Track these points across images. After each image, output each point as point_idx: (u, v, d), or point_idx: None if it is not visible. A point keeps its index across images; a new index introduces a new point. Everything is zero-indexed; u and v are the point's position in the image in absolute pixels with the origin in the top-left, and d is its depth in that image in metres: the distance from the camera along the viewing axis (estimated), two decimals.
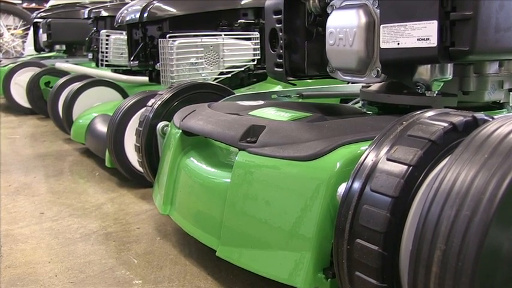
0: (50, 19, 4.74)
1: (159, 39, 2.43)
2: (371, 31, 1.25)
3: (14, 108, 4.57)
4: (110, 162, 2.25)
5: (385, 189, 0.81)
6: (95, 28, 3.69)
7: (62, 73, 3.77)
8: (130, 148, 2.05)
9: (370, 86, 1.46)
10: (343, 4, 1.35)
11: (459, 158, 0.73)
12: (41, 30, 4.99)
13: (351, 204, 0.85)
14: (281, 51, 1.50)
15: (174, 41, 2.36)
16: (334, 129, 1.14)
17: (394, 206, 0.80)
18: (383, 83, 1.37)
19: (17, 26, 7.61)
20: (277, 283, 1.05)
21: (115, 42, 3.30)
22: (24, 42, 7.20)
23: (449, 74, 1.23)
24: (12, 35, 7.53)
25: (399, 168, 0.82)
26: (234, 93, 1.87)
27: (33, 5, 9.06)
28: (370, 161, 0.86)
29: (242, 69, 2.61)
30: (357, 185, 0.86)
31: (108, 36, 3.33)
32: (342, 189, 0.90)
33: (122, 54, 3.26)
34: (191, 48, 2.40)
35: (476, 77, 1.29)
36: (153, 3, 2.56)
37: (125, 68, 3.26)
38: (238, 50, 2.56)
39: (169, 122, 1.67)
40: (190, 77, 2.39)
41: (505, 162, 0.67)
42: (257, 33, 2.59)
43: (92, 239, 1.64)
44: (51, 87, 3.48)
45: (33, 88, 4.08)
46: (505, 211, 0.65)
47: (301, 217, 1.00)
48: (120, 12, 2.83)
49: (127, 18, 2.72)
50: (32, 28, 5.42)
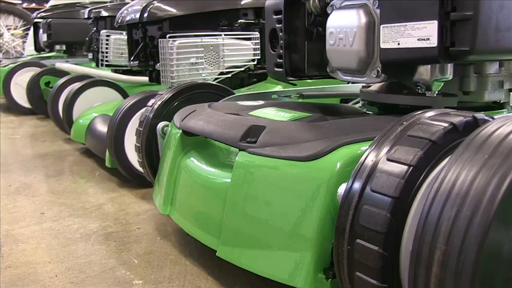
0: (50, 19, 4.74)
1: (159, 39, 2.43)
2: (371, 31, 1.25)
3: (14, 108, 4.57)
4: (110, 163, 2.25)
5: (386, 190, 0.81)
6: (95, 28, 3.69)
7: (62, 73, 3.77)
8: (131, 148, 2.05)
9: (370, 86, 1.46)
10: (343, 4, 1.35)
11: (459, 158, 0.73)
12: (41, 30, 4.99)
13: (351, 204, 0.85)
14: (281, 51, 1.50)
15: (174, 41, 2.35)
16: (335, 129, 1.14)
17: (394, 206, 0.80)
18: (383, 83, 1.37)
19: (17, 26, 7.62)
20: (277, 283, 1.05)
21: (115, 42, 3.30)
22: (24, 42, 7.20)
23: (449, 74, 1.23)
24: (12, 35, 7.53)
25: (399, 168, 0.82)
26: (234, 93, 1.87)
27: (33, 5, 9.06)
28: (370, 161, 0.86)
29: (242, 69, 2.61)
30: (357, 185, 0.85)
31: (108, 36, 3.32)
32: (342, 189, 0.90)
33: (122, 54, 3.26)
34: (191, 48, 2.40)
35: (477, 77, 1.29)
36: (153, 3, 2.56)
37: (125, 68, 3.26)
38: (238, 50, 2.55)
39: (170, 122, 1.67)
40: (191, 77, 2.39)
41: (505, 162, 0.67)
42: (257, 33, 2.59)
43: (92, 239, 1.64)
44: (52, 87, 3.48)
45: (33, 88, 4.08)
46: (505, 211, 0.65)
47: (301, 217, 1.00)
48: (120, 12, 2.82)
49: (127, 18, 2.72)
50: (32, 28, 5.42)
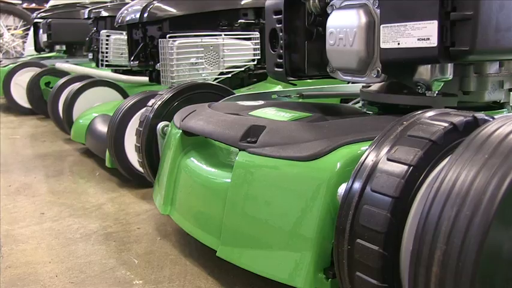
0: (50, 19, 4.74)
1: (159, 40, 2.43)
2: (371, 31, 1.25)
3: (14, 108, 4.57)
4: (110, 163, 2.25)
5: (386, 190, 0.81)
6: (95, 28, 3.69)
7: (62, 73, 3.77)
8: (131, 148, 2.05)
9: (370, 86, 1.46)
10: (343, 4, 1.35)
11: (459, 158, 0.73)
12: (41, 31, 4.99)
13: (351, 204, 0.85)
14: (281, 51, 1.50)
15: (174, 41, 2.35)
16: (335, 129, 1.14)
17: (394, 206, 0.80)
18: (383, 83, 1.37)
19: (17, 26, 7.61)
20: (277, 283, 1.05)
21: (115, 43, 3.30)
22: (24, 43, 7.20)
23: (449, 74, 1.23)
24: (12, 35, 7.53)
25: (400, 168, 0.82)
26: (234, 93, 1.87)
27: (33, 5, 9.06)
28: (370, 161, 0.86)
29: (242, 69, 2.61)
30: (357, 185, 0.85)
31: (108, 36, 3.32)
32: (342, 189, 0.90)
33: (122, 54, 3.26)
34: (191, 48, 2.40)
35: (477, 77, 1.29)
36: (153, 4, 2.56)
37: (125, 68, 3.26)
38: (238, 50, 2.55)
39: (170, 122, 1.67)
40: (191, 77, 2.39)
41: (505, 162, 0.67)
42: (257, 33, 2.59)
43: (93, 239, 1.64)
44: (52, 88, 3.48)
45: (33, 88, 4.08)
46: (505, 211, 0.65)
47: (301, 217, 1.00)
48: (120, 12, 2.82)
49: (127, 19, 2.72)
50: (32, 28, 5.42)
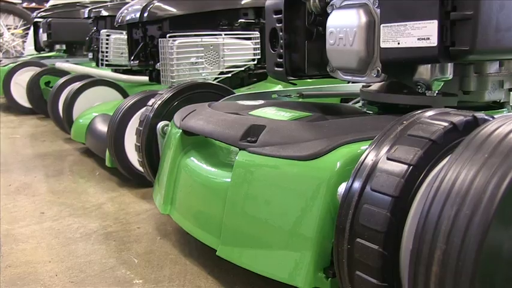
0: (50, 19, 4.74)
1: (159, 39, 2.43)
2: (371, 31, 1.25)
3: (14, 108, 4.57)
4: (110, 162, 2.25)
5: (386, 189, 0.81)
6: (95, 28, 3.69)
7: (62, 73, 3.77)
8: (131, 148, 2.05)
9: (370, 86, 1.46)
10: (344, 4, 1.35)
11: (459, 157, 0.73)
12: (41, 30, 4.99)
13: (351, 203, 0.85)
14: (281, 51, 1.51)
15: (174, 40, 2.36)
16: (335, 128, 1.14)
17: (394, 205, 0.80)
18: (383, 82, 1.37)
19: (17, 26, 7.61)
20: (277, 283, 1.05)
21: (115, 42, 3.30)
22: (24, 42, 7.20)
23: (449, 74, 1.23)
24: (12, 34, 7.53)
25: (399, 167, 0.82)
26: (234, 93, 1.87)
27: (33, 4, 9.06)
28: (370, 160, 0.87)
29: (242, 69, 2.61)
30: (357, 184, 0.86)
31: (108, 35, 3.33)
32: (342, 188, 0.90)
33: (122, 53, 3.26)
34: (191, 47, 2.40)
35: (477, 76, 1.30)
36: (153, 3, 2.56)
37: (125, 68, 3.26)
38: (239, 49, 2.56)
39: (170, 121, 1.67)
40: (191, 76, 2.39)
41: (505, 161, 0.68)
42: (257, 32, 2.59)
43: (92, 239, 1.64)
44: (52, 87, 3.48)
45: (33, 88, 4.08)
46: (505, 210, 0.65)
47: (301, 216, 1.00)
48: (120, 12, 2.83)
49: (127, 18, 2.72)
50: (32, 28, 5.42)
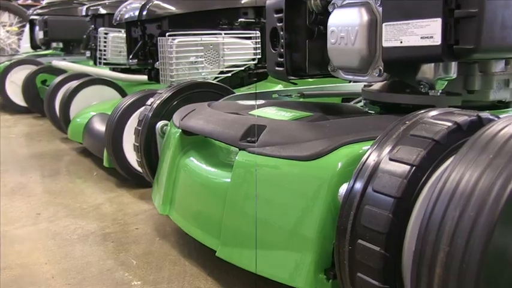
0: (46, 16, 4.74)
1: (159, 38, 2.42)
2: (373, 29, 1.25)
3: (9, 107, 4.57)
4: (108, 162, 2.25)
5: (388, 190, 0.81)
6: (93, 26, 3.69)
7: (58, 71, 3.76)
8: (129, 148, 2.05)
9: (372, 85, 1.46)
10: (345, 2, 1.35)
11: (463, 158, 0.73)
12: (37, 28, 4.98)
13: (352, 204, 0.85)
14: (282, 50, 1.51)
15: (174, 39, 2.35)
16: (336, 128, 1.14)
17: (396, 206, 0.80)
18: (385, 82, 1.37)
19: (12, 23, 7.60)
20: (277, 284, 1.05)
21: (113, 40, 3.30)
22: (19, 40, 7.18)
23: (453, 73, 1.23)
24: (7, 32, 7.52)
25: (402, 168, 0.82)
26: (234, 93, 1.87)
27: (29, 1, 9.04)
28: (372, 161, 0.87)
29: (242, 68, 2.61)
30: (358, 185, 0.86)
31: (106, 34, 3.32)
32: (343, 189, 0.90)
33: (120, 52, 3.26)
34: (191, 47, 2.40)
35: (482, 75, 1.29)
36: (152, 1, 2.56)
37: (123, 67, 3.25)
38: (239, 49, 2.56)
39: (169, 121, 1.67)
40: (190, 76, 2.40)
41: (510, 162, 0.67)
42: (258, 32, 2.59)
43: (90, 240, 1.64)
44: (48, 86, 3.48)
45: (29, 86, 4.08)
46: (510, 212, 0.65)
47: (302, 217, 1.01)
48: (118, 10, 2.82)
49: (126, 16, 2.72)
50: (28, 25, 5.41)
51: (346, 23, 1.30)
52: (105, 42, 3.31)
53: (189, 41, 2.40)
